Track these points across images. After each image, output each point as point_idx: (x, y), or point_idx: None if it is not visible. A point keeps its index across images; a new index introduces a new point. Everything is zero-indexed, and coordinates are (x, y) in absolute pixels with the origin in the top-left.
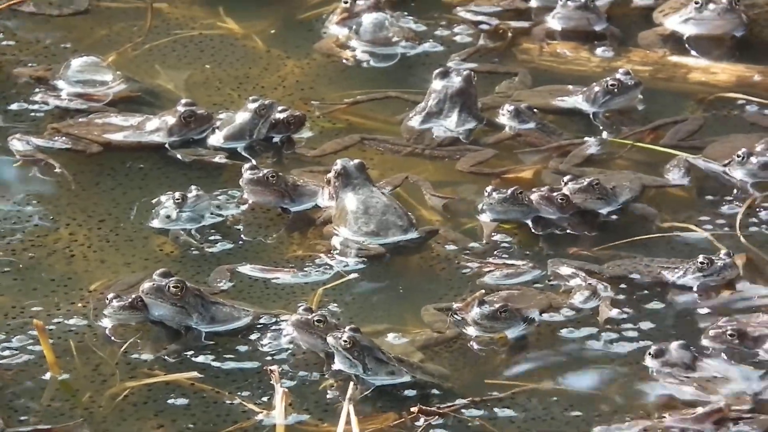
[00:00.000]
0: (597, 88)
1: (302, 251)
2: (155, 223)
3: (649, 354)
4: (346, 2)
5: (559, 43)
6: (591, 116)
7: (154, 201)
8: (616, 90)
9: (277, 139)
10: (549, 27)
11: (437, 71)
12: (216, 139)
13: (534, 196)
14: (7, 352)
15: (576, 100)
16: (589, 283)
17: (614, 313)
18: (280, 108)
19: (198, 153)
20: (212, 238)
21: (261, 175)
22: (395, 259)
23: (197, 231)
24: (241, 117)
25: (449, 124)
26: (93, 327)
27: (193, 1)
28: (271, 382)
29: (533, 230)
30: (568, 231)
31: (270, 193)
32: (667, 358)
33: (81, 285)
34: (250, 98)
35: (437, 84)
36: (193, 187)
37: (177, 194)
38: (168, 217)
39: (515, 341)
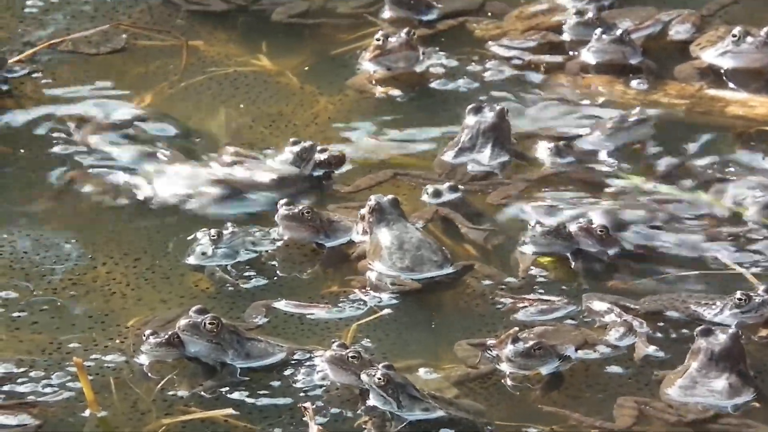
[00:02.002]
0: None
1: (337, 287)
2: (191, 260)
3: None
4: (378, 39)
5: (594, 77)
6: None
7: (189, 238)
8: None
9: (316, 174)
10: (583, 61)
11: (470, 107)
12: None
13: (573, 228)
14: (47, 389)
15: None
16: (625, 320)
17: (651, 350)
18: (319, 148)
19: None
20: (247, 274)
21: (296, 211)
22: (429, 295)
23: (232, 267)
24: (282, 160)
25: (482, 159)
26: (130, 363)
27: (228, 38)
28: (305, 419)
29: (572, 263)
30: (607, 263)
31: (305, 228)
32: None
33: (119, 322)
34: (291, 140)
35: (470, 119)
36: (228, 223)
37: (213, 231)
38: (204, 253)
39: (550, 378)
